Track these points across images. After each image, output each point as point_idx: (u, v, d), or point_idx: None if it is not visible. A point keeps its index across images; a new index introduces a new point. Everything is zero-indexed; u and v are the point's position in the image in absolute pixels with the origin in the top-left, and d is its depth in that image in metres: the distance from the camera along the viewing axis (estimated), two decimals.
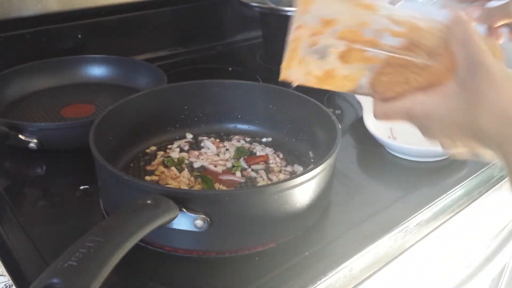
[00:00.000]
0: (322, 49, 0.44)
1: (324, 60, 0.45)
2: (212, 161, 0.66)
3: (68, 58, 0.91)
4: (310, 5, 0.43)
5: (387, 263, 0.58)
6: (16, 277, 0.49)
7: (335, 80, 0.46)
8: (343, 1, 0.43)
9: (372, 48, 0.43)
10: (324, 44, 0.44)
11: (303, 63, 0.45)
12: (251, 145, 0.70)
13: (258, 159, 0.67)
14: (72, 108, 0.82)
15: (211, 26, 1.15)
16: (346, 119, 0.84)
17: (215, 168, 0.64)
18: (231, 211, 0.49)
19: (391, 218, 0.58)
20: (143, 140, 0.69)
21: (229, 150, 0.69)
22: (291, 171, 0.65)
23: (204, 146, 0.70)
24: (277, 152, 0.69)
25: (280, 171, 0.64)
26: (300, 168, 0.65)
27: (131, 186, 0.50)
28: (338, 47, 0.44)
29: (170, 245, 0.51)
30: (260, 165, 0.66)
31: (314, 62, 0.45)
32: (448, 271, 0.78)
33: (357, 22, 0.43)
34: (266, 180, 0.62)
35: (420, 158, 0.70)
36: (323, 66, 0.45)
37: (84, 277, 0.34)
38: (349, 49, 0.44)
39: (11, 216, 0.57)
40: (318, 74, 0.46)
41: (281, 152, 0.69)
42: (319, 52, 0.45)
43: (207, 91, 0.71)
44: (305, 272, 0.49)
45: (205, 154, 0.68)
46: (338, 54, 0.44)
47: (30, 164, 0.69)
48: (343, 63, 0.45)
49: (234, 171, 0.64)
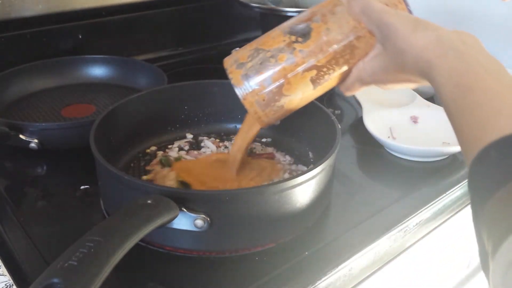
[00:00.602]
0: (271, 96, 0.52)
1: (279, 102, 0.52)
2: None
3: (69, 58, 0.91)
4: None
5: (387, 263, 0.58)
6: (16, 277, 0.49)
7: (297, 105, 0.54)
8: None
9: (302, 67, 0.50)
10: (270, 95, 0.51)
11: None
12: (251, 145, 0.70)
13: (263, 155, 0.67)
14: (72, 108, 0.82)
15: (211, 26, 1.16)
16: (346, 119, 0.84)
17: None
18: (231, 211, 0.49)
19: (390, 218, 0.58)
20: (143, 140, 0.69)
21: (229, 149, 0.69)
22: (295, 170, 0.65)
23: (204, 146, 0.70)
24: (280, 152, 0.69)
25: (285, 170, 0.65)
26: (303, 168, 0.65)
27: (131, 186, 0.50)
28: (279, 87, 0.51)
29: (170, 245, 0.51)
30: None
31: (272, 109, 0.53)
32: (447, 271, 0.78)
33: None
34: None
35: (420, 158, 0.70)
36: (282, 106, 0.52)
37: (84, 277, 0.34)
38: (287, 81, 0.50)
39: (12, 216, 0.57)
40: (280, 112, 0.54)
41: (283, 151, 0.69)
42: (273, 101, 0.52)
43: (207, 91, 0.71)
44: (305, 272, 0.49)
45: (204, 154, 0.68)
46: (283, 90, 0.51)
47: (30, 164, 0.69)
48: (290, 93, 0.51)
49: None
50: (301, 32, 0.50)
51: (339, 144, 0.55)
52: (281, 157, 0.68)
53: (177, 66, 1.05)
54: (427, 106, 0.79)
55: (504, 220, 0.30)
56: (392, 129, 0.75)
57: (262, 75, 0.50)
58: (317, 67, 0.49)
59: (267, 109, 0.52)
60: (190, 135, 0.72)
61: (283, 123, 0.70)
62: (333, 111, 0.82)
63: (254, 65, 0.51)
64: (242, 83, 0.51)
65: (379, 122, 0.75)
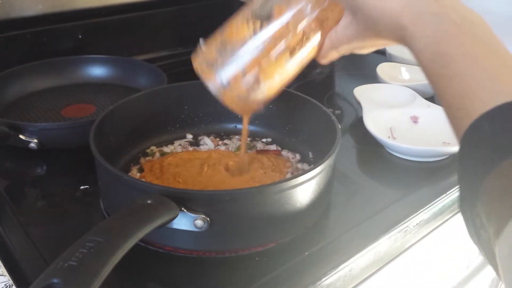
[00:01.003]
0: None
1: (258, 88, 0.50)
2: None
3: (69, 58, 0.91)
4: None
5: (387, 263, 0.58)
6: (16, 277, 0.49)
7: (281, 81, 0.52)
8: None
9: (273, 51, 0.48)
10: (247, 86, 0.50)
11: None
12: (251, 143, 0.70)
13: (270, 152, 0.67)
14: (72, 108, 0.82)
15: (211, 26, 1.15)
16: (346, 119, 0.84)
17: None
18: (231, 211, 0.49)
19: (391, 218, 0.58)
20: (143, 140, 0.69)
21: (228, 145, 0.69)
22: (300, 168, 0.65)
23: (203, 144, 0.70)
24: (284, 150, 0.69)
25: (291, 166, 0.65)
26: (307, 166, 0.65)
27: (131, 186, 0.50)
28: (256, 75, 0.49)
29: (170, 245, 0.51)
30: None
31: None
32: (447, 271, 0.78)
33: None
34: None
35: (420, 158, 0.70)
36: (262, 92, 0.51)
37: (84, 277, 0.34)
38: (261, 69, 0.49)
39: (12, 216, 0.57)
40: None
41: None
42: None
43: (207, 91, 0.71)
44: (305, 272, 0.49)
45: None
46: (260, 78, 0.49)
47: (30, 164, 0.69)
48: (268, 78, 0.50)
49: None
50: (264, 16, 0.48)
51: (339, 144, 0.55)
52: (289, 155, 0.68)
53: (177, 66, 1.05)
54: (427, 106, 0.79)
55: (507, 196, 0.28)
56: (392, 129, 0.75)
57: (235, 69, 0.49)
58: (288, 47, 0.48)
59: (249, 100, 0.51)
60: (190, 135, 0.72)
61: (283, 123, 0.70)
62: (333, 111, 0.82)
63: (224, 61, 0.49)
64: (217, 81, 0.50)
65: (379, 122, 0.75)
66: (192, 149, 0.69)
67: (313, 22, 0.48)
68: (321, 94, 0.91)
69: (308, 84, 0.96)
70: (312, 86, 0.96)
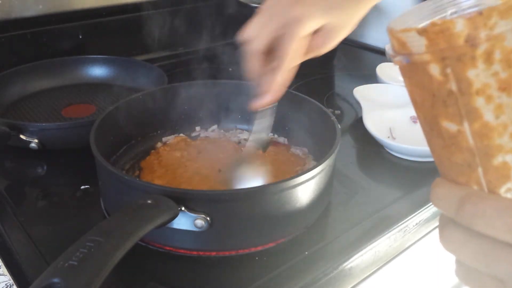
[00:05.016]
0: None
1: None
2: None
3: (69, 58, 0.92)
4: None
5: (386, 263, 0.58)
6: (16, 277, 0.49)
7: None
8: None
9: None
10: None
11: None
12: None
13: (279, 145, 0.68)
14: (72, 108, 0.82)
15: (211, 26, 1.15)
16: (346, 119, 0.84)
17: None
18: (231, 211, 0.49)
19: (390, 217, 0.58)
20: (143, 140, 0.69)
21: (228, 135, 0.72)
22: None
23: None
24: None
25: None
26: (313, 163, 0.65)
27: (131, 186, 0.50)
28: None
29: (170, 245, 0.51)
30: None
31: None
32: (447, 271, 0.78)
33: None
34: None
35: (419, 158, 0.70)
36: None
37: (84, 277, 0.34)
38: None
39: (12, 216, 0.57)
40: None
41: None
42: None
43: (207, 91, 0.71)
44: (305, 272, 0.49)
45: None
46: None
47: (30, 164, 0.69)
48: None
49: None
50: None
51: (339, 144, 0.55)
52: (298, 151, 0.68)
53: (177, 66, 1.05)
54: None
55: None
56: (392, 129, 0.75)
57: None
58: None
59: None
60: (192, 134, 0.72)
61: (283, 123, 0.70)
62: (333, 111, 0.82)
63: None
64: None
65: (379, 122, 0.75)
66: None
67: None
68: (321, 94, 0.91)
69: (308, 84, 0.97)
70: (312, 86, 0.96)
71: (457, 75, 0.24)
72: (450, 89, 0.25)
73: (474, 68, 0.24)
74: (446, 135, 0.27)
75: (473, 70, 0.24)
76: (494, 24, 0.23)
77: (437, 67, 0.25)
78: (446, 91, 0.25)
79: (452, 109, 0.26)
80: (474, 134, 0.25)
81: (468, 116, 0.25)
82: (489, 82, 0.24)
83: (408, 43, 0.25)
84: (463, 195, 0.25)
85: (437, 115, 0.27)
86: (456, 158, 0.27)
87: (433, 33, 0.24)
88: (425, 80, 0.26)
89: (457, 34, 0.23)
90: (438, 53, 0.24)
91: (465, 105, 0.25)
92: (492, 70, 0.24)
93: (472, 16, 0.23)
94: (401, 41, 0.26)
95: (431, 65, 0.25)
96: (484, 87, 0.24)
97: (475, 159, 0.26)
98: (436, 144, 0.28)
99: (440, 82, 0.25)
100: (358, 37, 1.22)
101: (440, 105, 0.26)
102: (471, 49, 0.24)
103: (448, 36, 0.24)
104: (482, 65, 0.24)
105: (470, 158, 0.26)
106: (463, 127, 0.26)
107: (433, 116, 0.27)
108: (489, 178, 0.26)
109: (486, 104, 0.24)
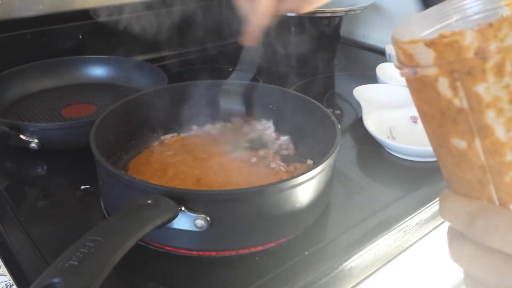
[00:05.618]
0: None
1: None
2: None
3: (69, 58, 0.92)
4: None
5: (386, 263, 0.58)
6: (17, 277, 0.49)
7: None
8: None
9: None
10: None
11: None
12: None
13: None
14: (72, 108, 0.82)
15: (211, 26, 1.15)
16: (346, 119, 0.84)
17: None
18: (231, 211, 0.49)
19: (390, 217, 0.58)
20: (144, 140, 0.69)
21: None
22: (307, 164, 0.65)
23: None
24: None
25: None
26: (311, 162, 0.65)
27: (131, 186, 0.50)
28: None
29: (170, 245, 0.51)
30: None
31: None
32: (447, 271, 0.78)
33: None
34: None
35: (419, 158, 0.70)
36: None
37: (84, 277, 0.34)
38: None
39: (12, 216, 0.57)
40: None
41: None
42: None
43: (207, 91, 0.71)
44: (305, 272, 0.49)
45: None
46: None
47: (30, 164, 0.69)
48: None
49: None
50: None
51: (339, 144, 0.55)
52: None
53: (177, 66, 1.05)
54: None
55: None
56: (392, 129, 0.75)
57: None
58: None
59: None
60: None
61: (283, 123, 0.71)
62: (333, 111, 0.82)
63: None
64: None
65: (379, 122, 0.75)
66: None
67: None
68: (321, 94, 0.91)
69: (308, 84, 0.97)
70: (312, 86, 0.96)
71: (467, 89, 0.24)
72: (460, 107, 0.24)
73: (484, 82, 0.23)
74: (456, 152, 0.26)
75: (483, 84, 0.23)
76: (505, 36, 0.22)
77: (445, 80, 0.24)
78: (455, 109, 0.25)
79: (462, 127, 0.25)
80: (486, 150, 0.25)
81: (479, 132, 0.24)
82: (500, 95, 0.23)
83: (415, 55, 0.25)
84: (474, 209, 0.25)
85: (446, 133, 0.26)
86: (466, 175, 0.26)
87: (441, 45, 0.23)
88: (433, 98, 0.25)
89: (466, 47, 0.23)
90: (446, 66, 0.24)
91: (476, 121, 0.24)
92: (504, 82, 0.23)
93: (481, 27, 0.22)
94: (408, 53, 0.25)
95: (439, 80, 0.24)
96: (494, 100, 0.24)
97: (486, 176, 0.25)
98: (445, 160, 0.27)
99: (449, 100, 0.24)
100: (358, 37, 1.22)
101: (449, 123, 0.25)
102: (481, 62, 0.23)
103: (457, 48, 0.23)
104: (493, 78, 0.23)
105: (481, 175, 0.26)
106: (474, 143, 0.25)
107: (442, 133, 0.26)
108: (500, 194, 0.25)
109: (496, 118, 0.24)
